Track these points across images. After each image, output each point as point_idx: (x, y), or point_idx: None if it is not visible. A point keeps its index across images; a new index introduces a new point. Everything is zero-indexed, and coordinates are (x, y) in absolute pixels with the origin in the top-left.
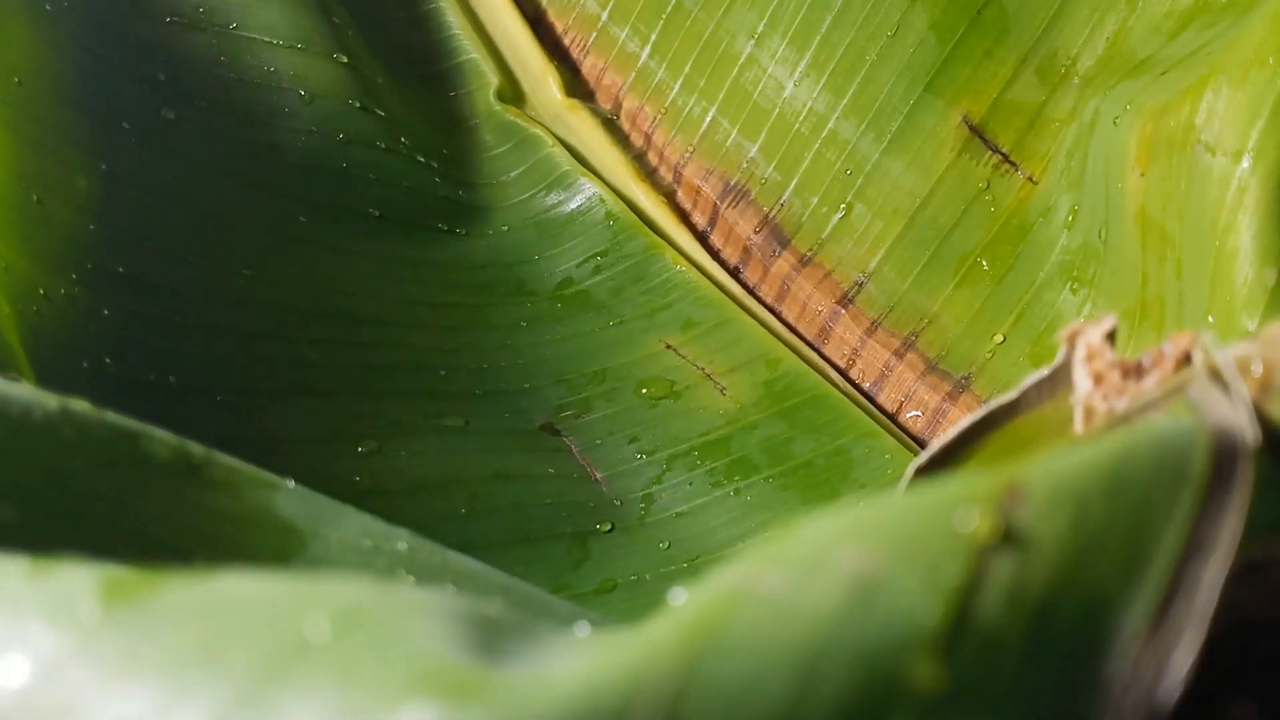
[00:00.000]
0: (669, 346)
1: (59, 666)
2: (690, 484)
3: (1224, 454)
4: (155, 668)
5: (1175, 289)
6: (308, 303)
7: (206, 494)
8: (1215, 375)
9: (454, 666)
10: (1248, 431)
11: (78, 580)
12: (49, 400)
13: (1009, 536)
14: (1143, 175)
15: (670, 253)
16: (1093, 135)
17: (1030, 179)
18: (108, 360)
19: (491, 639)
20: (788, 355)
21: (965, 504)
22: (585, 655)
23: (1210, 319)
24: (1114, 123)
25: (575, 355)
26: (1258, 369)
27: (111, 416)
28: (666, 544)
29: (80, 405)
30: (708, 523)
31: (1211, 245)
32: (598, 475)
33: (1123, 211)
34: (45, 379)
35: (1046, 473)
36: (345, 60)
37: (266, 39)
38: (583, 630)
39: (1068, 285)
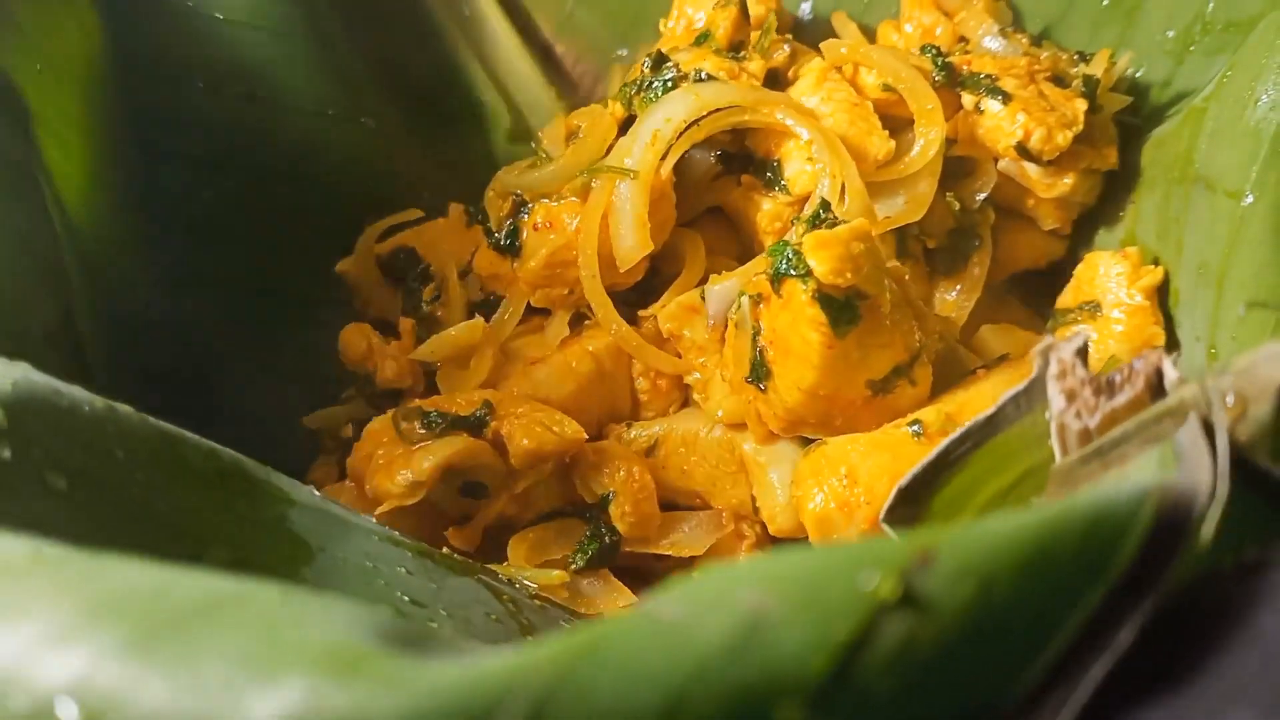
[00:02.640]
0: None
1: None
2: None
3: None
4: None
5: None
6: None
7: (230, 498)
8: (1202, 407)
9: (344, 646)
10: (1209, 499)
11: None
12: (96, 401)
13: (908, 599)
14: (1134, 202)
15: None
16: None
17: None
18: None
19: (407, 638)
20: None
21: (872, 563)
22: (475, 656)
23: (1212, 350)
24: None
25: None
26: (1230, 398)
27: (152, 421)
28: None
29: (124, 409)
30: None
31: (1213, 277)
32: None
33: None
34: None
35: (962, 543)
36: (372, 125)
37: (295, 104)
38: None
39: None
